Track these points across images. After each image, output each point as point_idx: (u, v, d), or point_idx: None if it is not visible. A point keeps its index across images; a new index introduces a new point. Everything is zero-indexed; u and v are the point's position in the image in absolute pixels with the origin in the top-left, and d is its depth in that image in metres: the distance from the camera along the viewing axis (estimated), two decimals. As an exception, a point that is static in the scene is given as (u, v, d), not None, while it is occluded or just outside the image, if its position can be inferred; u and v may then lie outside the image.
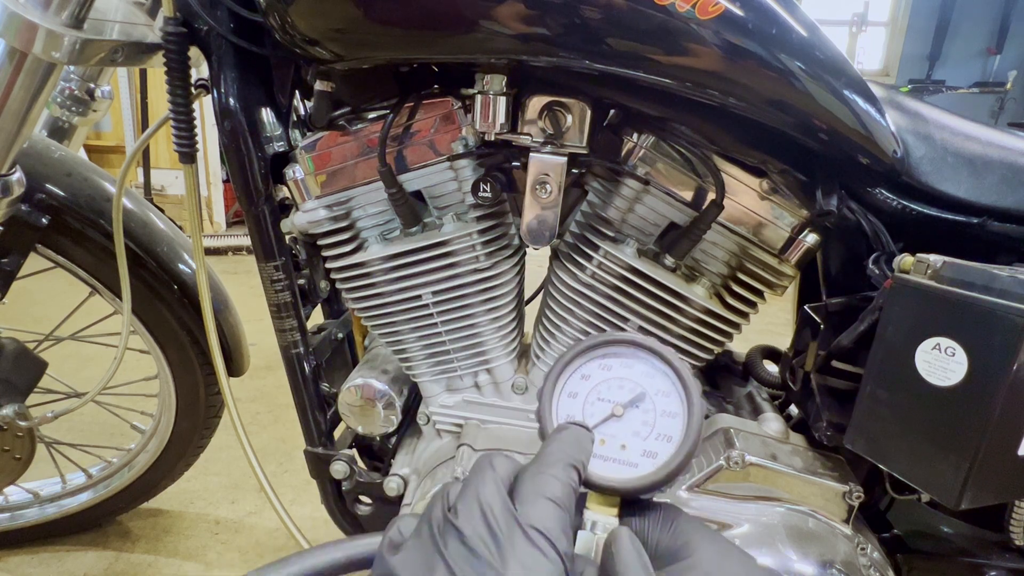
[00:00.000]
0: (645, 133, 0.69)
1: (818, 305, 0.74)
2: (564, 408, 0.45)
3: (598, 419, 0.45)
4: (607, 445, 0.44)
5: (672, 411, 0.44)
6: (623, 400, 0.45)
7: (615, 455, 0.44)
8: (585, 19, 0.57)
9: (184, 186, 0.82)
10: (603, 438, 0.44)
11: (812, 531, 0.71)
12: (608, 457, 0.44)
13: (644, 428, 0.44)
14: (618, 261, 0.71)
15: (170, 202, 3.54)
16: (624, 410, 0.44)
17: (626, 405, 0.44)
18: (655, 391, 0.44)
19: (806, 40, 0.60)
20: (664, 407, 0.44)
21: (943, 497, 0.56)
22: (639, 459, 0.43)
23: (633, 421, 0.44)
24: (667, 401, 0.44)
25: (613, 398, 0.45)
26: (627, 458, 0.43)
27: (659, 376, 0.45)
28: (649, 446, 0.43)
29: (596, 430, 0.44)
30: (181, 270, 1.07)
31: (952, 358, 0.54)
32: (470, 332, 0.78)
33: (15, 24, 0.71)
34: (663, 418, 0.44)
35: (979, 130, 0.71)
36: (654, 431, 0.43)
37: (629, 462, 0.43)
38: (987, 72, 5.95)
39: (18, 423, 1.03)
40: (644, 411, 0.44)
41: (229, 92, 0.70)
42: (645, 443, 0.43)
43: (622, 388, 0.45)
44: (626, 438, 0.44)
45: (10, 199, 0.88)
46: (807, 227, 0.71)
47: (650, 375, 0.45)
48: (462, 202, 0.74)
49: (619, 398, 0.45)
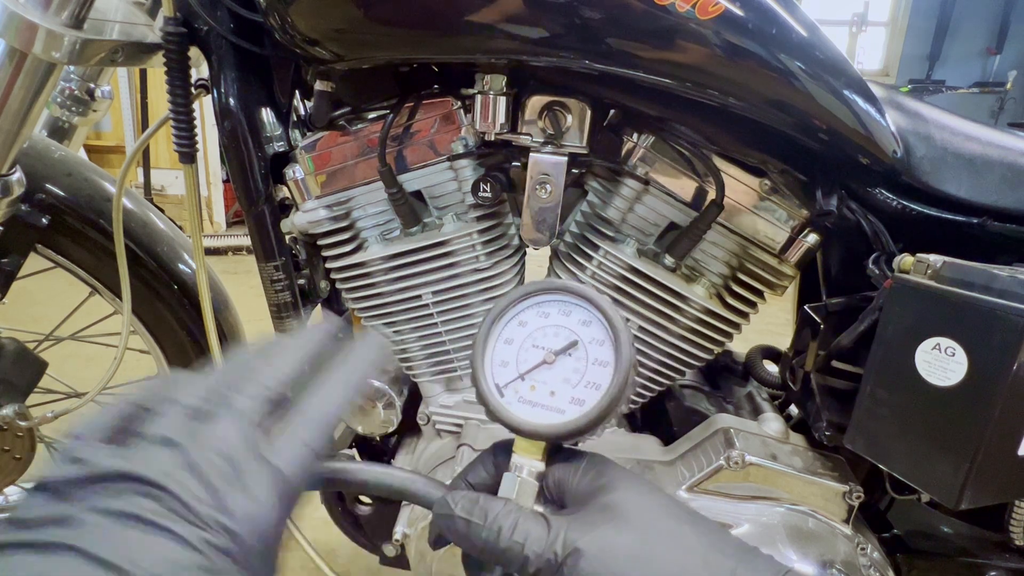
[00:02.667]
0: (645, 133, 0.69)
1: (818, 305, 0.74)
2: (499, 354, 0.45)
3: (530, 366, 0.44)
4: (536, 391, 0.44)
5: (604, 360, 0.43)
6: (556, 347, 0.44)
7: (543, 401, 0.44)
8: (585, 19, 0.57)
9: (184, 186, 0.81)
10: (533, 384, 0.44)
11: (812, 531, 0.71)
12: (536, 403, 0.44)
13: (575, 376, 0.43)
14: (618, 261, 0.71)
15: (170, 202, 3.55)
16: (556, 357, 0.44)
17: (558, 352, 0.44)
18: (589, 339, 0.44)
19: (806, 40, 0.60)
20: (596, 356, 0.43)
21: (943, 497, 0.56)
22: (567, 406, 0.43)
23: (564, 368, 0.44)
24: (600, 350, 0.43)
25: (547, 345, 0.45)
26: (555, 404, 0.43)
27: (596, 325, 0.44)
28: (578, 393, 0.43)
29: (527, 376, 0.44)
30: (181, 270, 1.07)
31: (952, 358, 0.54)
32: (470, 332, 0.78)
33: (15, 24, 0.71)
34: (594, 367, 0.43)
35: (979, 130, 0.71)
36: (584, 379, 0.43)
37: (556, 408, 0.43)
38: (987, 72, 5.96)
39: (18, 423, 1.03)
40: (576, 359, 0.44)
41: (229, 92, 0.70)
42: (574, 390, 0.43)
43: (557, 336, 0.45)
44: (556, 385, 0.44)
45: (10, 199, 0.88)
46: (807, 227, 0.71)
47: (586, 323, 0.45)
48: (462, 202, 0.74)
49: (553, 345, 0.44)
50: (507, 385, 0.44)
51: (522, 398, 0.44)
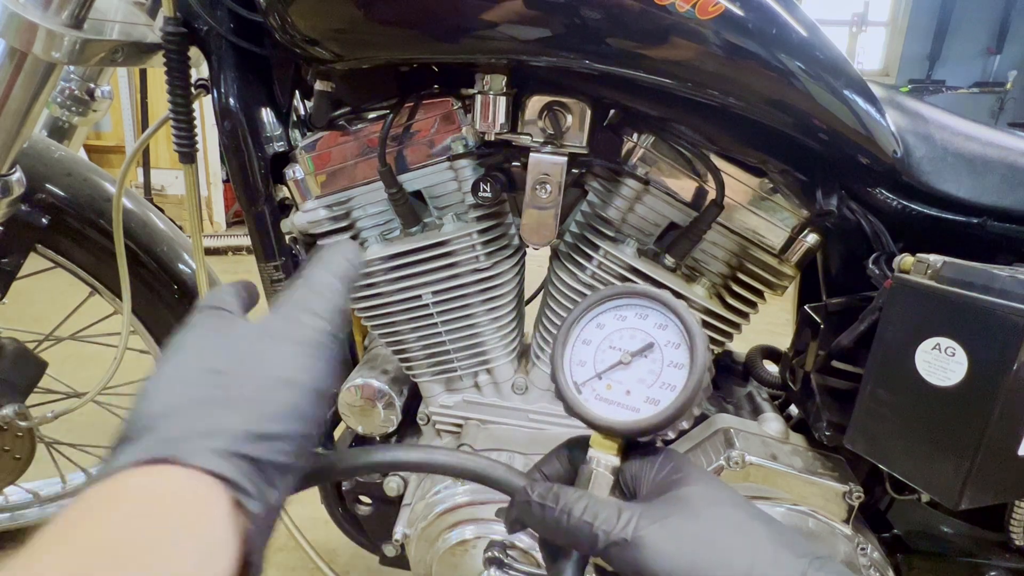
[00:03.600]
0: (645, 133, 0.69)
1: (818, 305, 0.74)
2: (577, 354, 0.47)
3: (606, 365, 0.46)
4: (613, 390, 0.46)
5: (679, 362, 0.45)
6: (633, 348, 0.46)
7: (619, 399, 0.45)
8: (585, 19, 0.57)
9: (184, 186, 0.81)
10: (609, 383, 0.46)
11: (812, 531, 0.71)
12: (613, 401, 0.45)
13: (650, 376, 0.45)
14: (618, 261, 0.71)
15: (170, 202, 3.54)
16: (632, 358, 0.46)
17: (635, 354, 0.46)
18: (665, 342, 0.46)
19: (806, 40, 0.60)
20: (672, 358, 0.45)
21: (943, 497, 0.56)
22: (641, 405, 0.44)
23: (640, 369, 0.45)
24: (676, 353, 0.45)
25: (624, 346, 0.46)
26: (631, 403, 0.45)
27: (671, 328, 0.46)
28: (653, 393, 0.44)
29: (604, 375, 0.46)
30: (181, 270, 1.07)
31: (952, 358, 0.54)
32: (470, 332, 0.78)
33: (15, 24, 0.71)
34: (669, 368, 0.45)
35: (979, 130, 0.71)
36: (659, 380, 0.45)
37: (632, 407, 0.45)
38: (987, 72, 5.96)
39: (18, 423, 1.03)
40: (652, 361, 0.45)
41: (229, 92, 0.70)
42: (649, 390, 0.45)
43: (634, 338, 0.46)
44: (631, 385, 0.45)
45: (10, 199, 0.88)
46: (807, 227, 0.71)
47: (663, 326, 0.46)
48: (462, 202, 0.74)
49: (629, 346, 0.46)
50: (585, 383, 0.46)
51: (599, 396, 0.46)
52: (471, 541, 0.74)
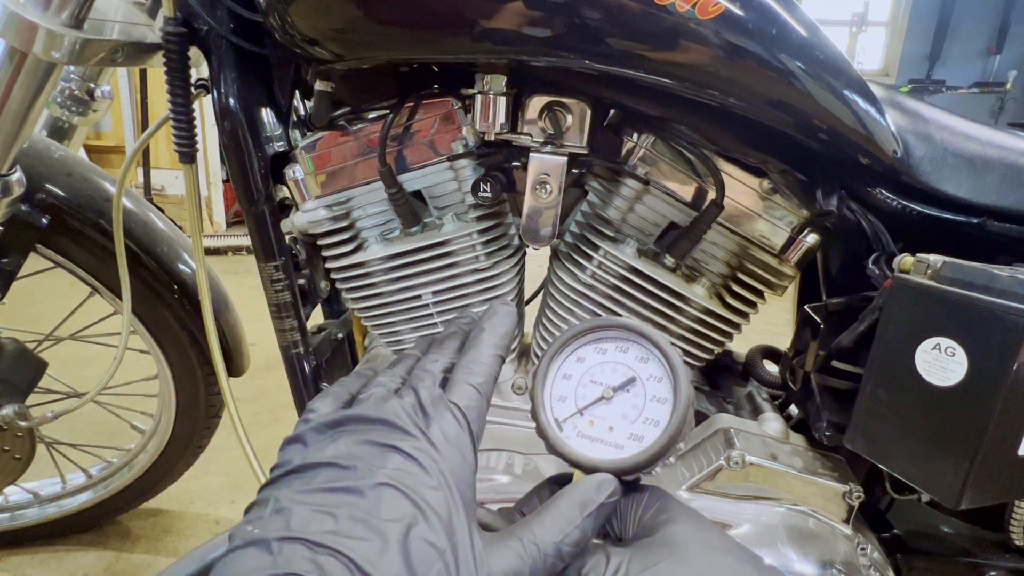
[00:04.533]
0: (645, 133, 0.69)
1: (818, 305, 0.74)
2: (557, 389, 0.46)
3: (588, 401, 0.45)
4: (595, 426, 0.45)
5: (662, 397, 0.44)
6: (614, 383, 0.45)
7: (602, 436, 0.44)
8: (585, 19, 0.57)
9: (184, 186, 0.81)
10: (592, 419, 0.45)
11: (812, 531, 0.71)
12: (595, 438, 0.44)
13: (633, 412, 0.44)
14: (618, 261, 0.71)
15: (170, 202, 3.55)
16: (614, 393, 0.45)
17: (617, 388, 0.45)
18: (647, 376, 0.45)
19: (806, 40, 0.60)
20: (655, 392, 0.44)
21: (943, 497, 0.56)
22: (625, 441, 0.43)
23: (623, 404, 0.44)
24: (658, 387, 0.44)
25: (605, 381, 0.45)
26: (614, 440, 0.44)
27: (653, 362, 0.45)
28: (636, 429, 0.44)
29: (586, 411, 0.45)
30: (181, 270, 1.07)
31: (952, 358, 0.54)
32: (470, 332, 0.78)
33: (15, 24, 0.71)
34: (652, 403, 0.44)
35: (979, 130, 0.71)
36: (642, 415, 0.44)
37: (615, 444, 0.44)
38: (987, 72, 5.96)
39: (18, 423, 1.03)
40: (634, 395, 0.45)
41: (229, 92, 0.70)
42: (632, 426, 0.44)
43: (615, 372, 0.45)
44: (614, 420, 0.44)
45: (10, 199, 0.88)
46: (807, 227, 0.71)
47: (644, 360, 0.45)
48: (462, 202, 0.74)
49: (611, 381, 0.45)
50: (566, 420, 0.45)
51: (581, 433, 0.45)
52: (471, 541, 0.74)
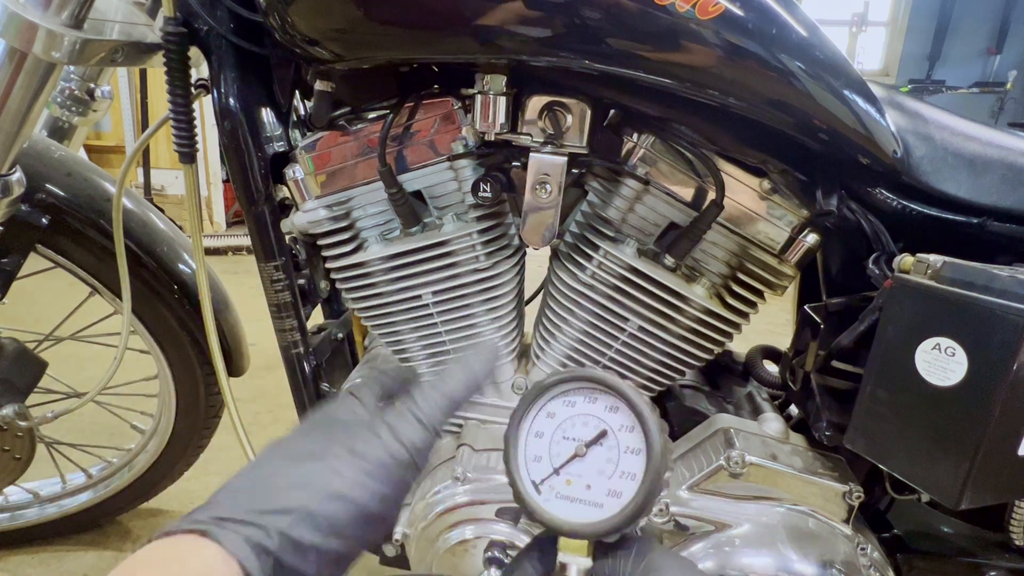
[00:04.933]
0: (645, 133, 0.69)
1: (818, 305, 0.74)
2: (531, 448, 0.46)
3: (563, 459, 0.45)
4: (573, 486, 0.44)
5: (635, 447, 0.43)
6: (587, 437, 0.44)
7: (581, 495, 0.44)
8: (585, 19, 0.57)
9: (184, 186, 0.81)
10: (568, 478, 0.44)
11: (812, 531, 0.71)
12: (574, 498, 0.44)
13: (608, 466, 0.44)
14: (618, 261, 0.71)
15: (170, 202, 3.54)
16: (588, 449, 0.44)
17: (589, 444, 0.44)
18: (618, 426, 0.44)
19: (806, 40, 0.60)
20: (627, 443, 0.44)
21: (943, 497, 0.56)
22: (604, 499, 0.43)
23: (597, 459, 0.44)
24: (630, 437, 0.44)
25: (577, 436, 0.45)
26: (592, 498, 0.43)
27: (622, 411, 0.44)
28: (614, 485, 0.43)
29: (562, 471, 0.44)
30: (181, 270, 1.07)
31: (952, 358, 0.54)
32: (470, 332, 0.78)
33: (15, 24, 0.71)
34: (626, 455, 0.44)
35: (979, 130, 0.71)
36: (618, 469, 0.44)
37: (594, 502, 0.43)
38: (987, 72, 5.95)
39: (18, 423, 1.03)
40: (608, 448, 0.44)
41: (229, 92, 0.70)
42: (610, 482, 0.43)
43: (586, 425, 0.45)
44: (591, 477, 0.44)
45: (10, 199, 0.88)
46: (807, 227, 0.71)
47: (614, 408, 0.45)
48: (462, 202, 0.74)
49: (583, 435, 0.45)
50: (543, 482, 0.45)
51: (559, 494, 0.44)
52: (471, 541, 0.74)
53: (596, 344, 0.75)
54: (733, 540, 0.70)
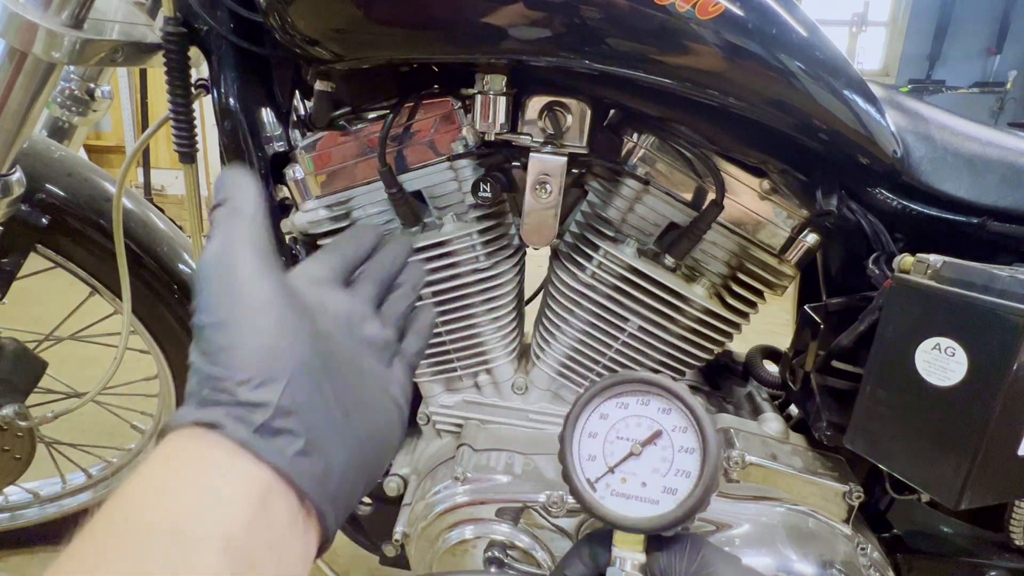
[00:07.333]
0: (645, 133, 0.69)
1: (818, 305, 0.73)
2: (585, 448, 0.47)
3: (617, 458, 0.46)
4: (628, 483, 0.45)
5: (689, 447, 0.45)
6: (641, 438, 0.46)
7: (636, 492, 0.45)
8: (585, 19, 0.57)
9: (184, 186, 0.81)
10: (624, 476, 0.45)
11: (812, 531, 0.71)
12: (630, 495, 0.45)
13: (663, 465, 0.45)
14: (618, 261, 0.71)
15: (170, 202, 3.54)
16: (642, 448, 0.45)
17: (644, 443, 0.46)
18: (672, 427, 0.46)
19: (806, 40, 0.60)
20: (682, 443, 0.45)
21: (943, 497, 0.56)
22: (660, 496, 0.44)
23: (652, 458, 0.45)
24: (684, 437, 0.45)
25: (631, 436, 0.46)
26: (648, 495, 0.44)
27: (675, 412, 0.46)
28: (669, 482, 0.44)
29: (617, 469, 0.46)
30: (181, 270, 1.07)
31: (952, 358, 0.54)
32: (470, 332, 0.78)
33: (15, 24, 0.71)
34: (681, 454, 0.45)
35: (979, 130, 0.71)
36: (672, 467, 0.45)
37: (650, 499, 0.44)
38: (987, 72, 5.95)
39: (18, 423, 1.03)
40: (662, 448, 0.45)
41: (229, 92, 0.70)
42: (665, 479, 0.45)
43: (640, 426, 0.46)
44: (646, 475, 0.45)
45: (10, 199, 0.88)
46: (807, 227, 0.71)
47: (666, 411, 0.46)
48: (462, 202, 0.74)
49: (637, 436, 0.46)
50: (598, 479, 0.46)
51: (615, 491, 0.45)
52: (471, 541, 0.74)
53: (596, 344, 0.75)
54: (733, 540, 0.70)
